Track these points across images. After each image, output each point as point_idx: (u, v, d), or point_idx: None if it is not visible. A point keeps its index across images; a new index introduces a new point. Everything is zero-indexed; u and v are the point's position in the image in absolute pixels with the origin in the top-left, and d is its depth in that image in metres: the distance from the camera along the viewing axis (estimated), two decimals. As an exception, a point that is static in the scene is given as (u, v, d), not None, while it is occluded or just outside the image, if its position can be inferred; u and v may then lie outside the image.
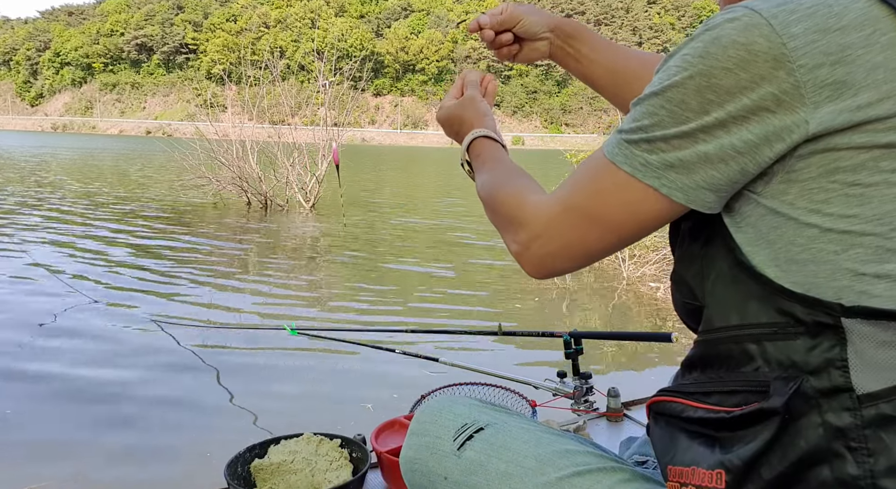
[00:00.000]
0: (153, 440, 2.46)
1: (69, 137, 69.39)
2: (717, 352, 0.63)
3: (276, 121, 11.82)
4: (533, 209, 0.71)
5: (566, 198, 0.68)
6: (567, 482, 0.69)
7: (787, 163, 0.57)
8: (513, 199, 0.75)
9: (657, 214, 0.64)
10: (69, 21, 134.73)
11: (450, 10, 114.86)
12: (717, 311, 0.63)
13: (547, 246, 0.69)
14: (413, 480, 0.81)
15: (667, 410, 0.67)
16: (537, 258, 0.70)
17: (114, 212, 9.50)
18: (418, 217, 10.53)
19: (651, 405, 0.70)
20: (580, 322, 4.38)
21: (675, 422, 0.66)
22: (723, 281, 0.62)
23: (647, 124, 0.61)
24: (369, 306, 4.62)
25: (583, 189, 0.67)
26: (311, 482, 1.32)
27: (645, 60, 0.98)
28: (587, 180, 0.67)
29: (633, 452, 1.10)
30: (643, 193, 0.63)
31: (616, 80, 0.99)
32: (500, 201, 0.78)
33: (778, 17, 0.56)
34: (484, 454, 0.75)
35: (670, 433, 0.66)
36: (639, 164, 0.62)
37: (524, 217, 0.72)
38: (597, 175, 0.66)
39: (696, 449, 0.62)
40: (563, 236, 0.68)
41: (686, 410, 0.64)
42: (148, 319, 3.97)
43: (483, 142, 0.92)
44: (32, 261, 5.58)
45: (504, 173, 0.83)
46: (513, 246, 0.73)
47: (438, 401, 0.85)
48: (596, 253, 0.69)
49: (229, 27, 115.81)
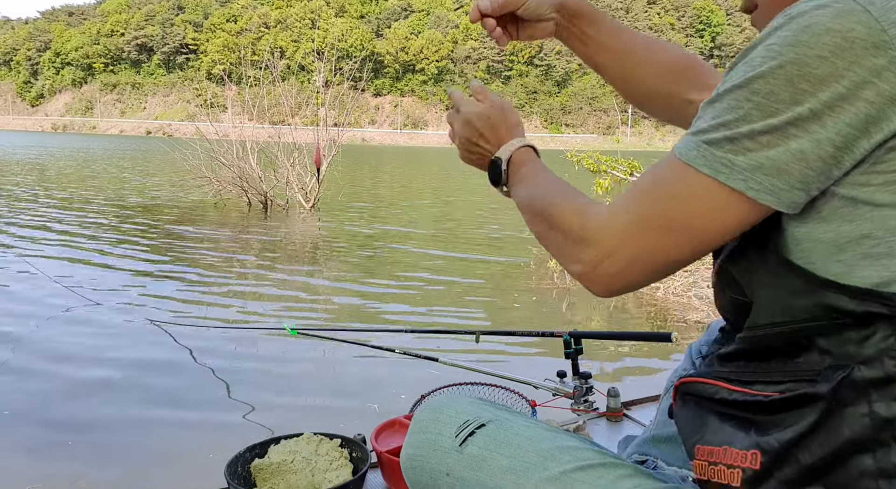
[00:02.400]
0: (153, 440, 2.46)
1: (69, 137, 69.38)
2: (765, 346, 0.62)
3: (276, 121, 11.81)
4: (598, 225, 0.66)
5: (635, 208, 0.64)
6: (569, 477, 0.69)
7: (876, 153, 0.55)
8: (573, 216, 0.70)
9: (742, 218, 0.59)
10: (69, 21, 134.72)
11: (450, 11, 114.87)
12: (767, 306, 0.61)
13: (619, 263, 0.64)
14: (414, 477, 0.80)
15: (698, 391, 0.67)
16: (608, 277, 0.66)
17: (113, 212, 9.50)
18: (418, 216, 10.53)
19: (680, 386, 0.70)
20: (580, 322, 4.38)
21: (705, 403, 0.66)
22: (772, 276, 0.60)
23: (731, 119, 0.57)
24: (369, 306, 4.62)
25: (655, 198, 0.63)
26: (311, 482, 1.32)
27: (651, 46, 0.95)
28: (658, 188, 0.63)
29: (633, 451, 1.10)
30: (727, 198, 0.59)
31: (622, 65, 0.95)
32: (557, 219, 0.72)
33: (875, 3, 0.54)
34: (486, 449, 0.75)
35: (699, 414, 0.66)
36: (722, 166, 0.58)
37: (590, 235, 0.66)
38: (670, 181, 0.62)
39: (729, 430, 0.62)
40: (636, 251, 0.63)
41: (720, 392, 0.64)
42: (147, 319, 3.97)
43: (528, 152, 0.86)
44: (31, 262, 5.58)
45: (556, 188, 0.77)
46: (575, 266, 0.68)
47: (439, 398, 0.85)
48: (673, 265, 0.65)
49: (229, 27, 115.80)
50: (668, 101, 0.94)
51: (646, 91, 0.96)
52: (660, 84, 0.94)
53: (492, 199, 14.11)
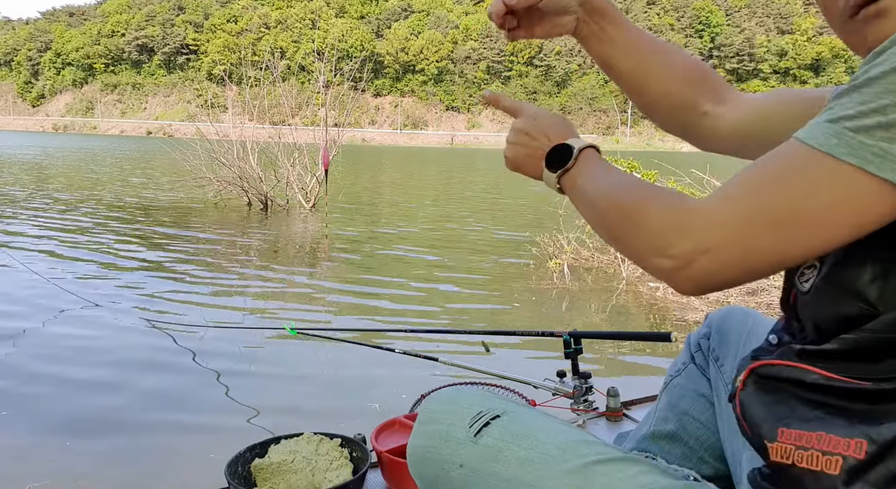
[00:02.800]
0: (153, 440, 2.46)
1: (70, 137, 69.39)
2: (881, 348, 0.58)
3: (276, 121, 11.83)
4: (699, 216, 0.60)
5: (750, 200, 0.58)
6: (590, 470, 0.68)
7: None
8: (663, 206, 0.63)
9: (886, 213, 0.54)
10: (70, 22, 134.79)
11: (450, 11, 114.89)
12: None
13: (720, 259, 0.58)
14: (423, 470, 0.79)
15: (780, 375, 0.65)
16: (704, 273, 0.59)
17: (113, 212, 9.50)
18: (418, 217, 10.53)
19: (758, 368, 0.67)
20: (580, 322, 4.38)
21: (790, 388, 0.64)
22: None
23: (887, 104, 0.52)
24: (369, 306, 4.62)
25: (778, 188, 0.57)
26: (312, 481, 1.32)
27: (670, 52, 0.92)
28: (782, 179, 0.57)
29: (632, 448, 1.10)
30: (876, 190, 0.53)
31: (639, 68, 0.91)
32: (641, 209, 0.65)
33: None
34: (502, 441, 0.73)
35: (782, 398, 0.65)
36: (872, 156, 0.53)
37: (687, 225, 0.60)
38: (801, 171, 0.56)
39: (825, 416, 0.60)
40: (744, 247, 0.58)
41: (809, 376, 0.62)
42: (147, 320, 3.98)
43: (595, 152, 0.81)
44: (29, 263, 5.58)
45: (635, 180, 0.71)
46: (664, 261, 0.61)
47: (449, 390, 0.84)
48: (778, 265, 0.59)
49: (230, 28, 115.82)
50: (681, 110, 0.92)
51: (659, 97, 0.93)
52: (674, 91, 0.91)
53: (492, 199, 14.10)
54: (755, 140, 0.87)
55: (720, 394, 0.99)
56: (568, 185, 0.79)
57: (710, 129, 0.90)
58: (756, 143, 0.87)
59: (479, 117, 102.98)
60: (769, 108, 0.86)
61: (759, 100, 0.88)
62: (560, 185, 0.81)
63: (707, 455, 1.03)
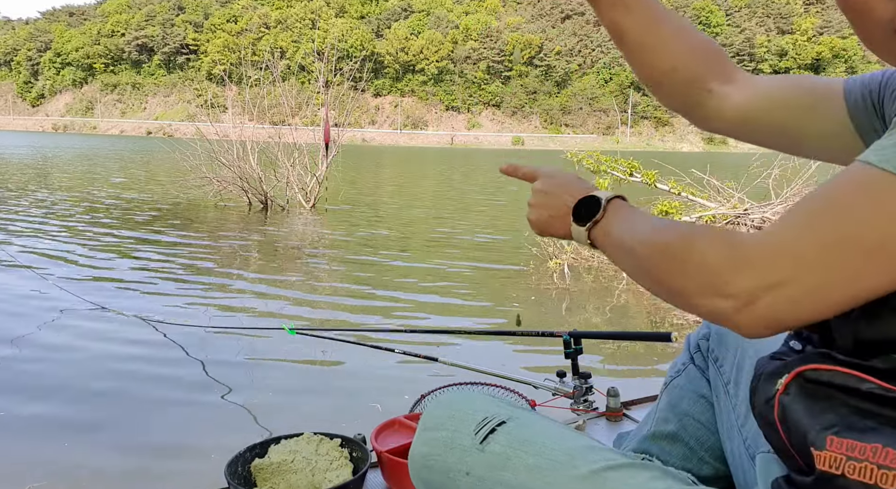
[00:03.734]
0: (153, 440, 2.46)
1: (70, 137, 69.39)
2: None
3: (276, 121, 11.83)
4: (762, 247, 0.56)
5: (820, 228, 0.54)
6: (600, 476, 0.67)
7: None
8: (713, 241, 0.58)
9: None
10: (70, 22, 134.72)
11: (450, 11, 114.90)
12: None
13: (792, 294, 0.54)
14: (427, 476, 0.77)
15: (833, 381, 0.61)
16: (772, 311, 0.55)
17: (113, 212, 9.50)
18: (418, 217, 10.53)
19: (805, 371, 0.63)
20: (580, 322, 4.38)
21: (838, 394, 0.60)
22: None
23: None
24: (369, 306, 4.62)
25: (851, 215, 0.53)
26: (312, 481, 1.32)
27: (682, 23, 0.89)
28: (854, 205, 0.53)
29: (631, 448, 1.10)
30: None
31: (650, 36, 0.87)
32: (687, 247, 0.60)
33: None
34: (510, 448, 0.72)
35: (831, 405, 0.61)
36: None
37: (748, 259, 0.56)
38: (878, 196, 0.52)
39: (878, 427, 0.57)
40: (819, 280, 0.54)
41: (864, 384, 0.58)
42: (147, 320, 3.97)
43: (623, 202, 0.78)
44: (29, 263, 5.59)
45: (677, 222, 0.66)
46: (721, 303, 0.57)
47: (452, 395, 0.83)
48: (863, 297, 0.55)
49: (230, 28, 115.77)
50: (687, 85, 0.88)
51: (667, 70, 0.88)
52: (682, 65, 0.87)
53: (492, 199, 14.10)
54: (757, 125, 0.86)
55: (720, 395, 0.99)
56: (600, 238, 0.76)
57: (714, 109, 0.88)
58: (757, 128, 0.86)
59: (479, 117, 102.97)
60: (775, 95, 0.85)
61: (767, 85, 0.86)
62: (591, 239, 0.77)
63: (707, 455, 1.03)
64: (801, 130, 0.83)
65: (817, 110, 0.81)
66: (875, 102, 0.76)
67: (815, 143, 0.83)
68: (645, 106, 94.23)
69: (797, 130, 0.83)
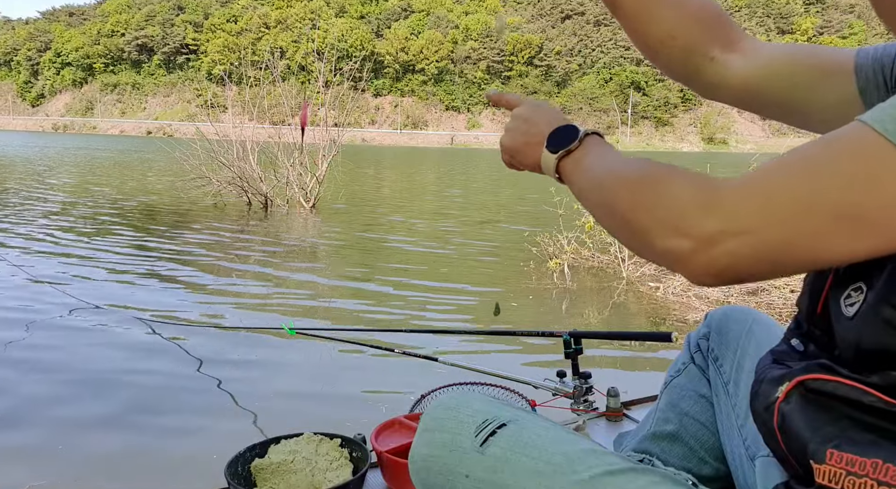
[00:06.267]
0: (153, 440, 2.46)
1: (70, 137, 69.39)
2: None
3: (276, 121, 11.84)
4: (735, 193, 0.53)
5: (798, 186, 0.51)
6: (600, 481, 0.67)
7: None
8: (685, 181, 0.57)
9: None
10: (70, 22, 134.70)
11: (450, 11, 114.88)
12: None
13: (752, 245, 0.52)
14: (427, 479, 0.77)
15: (836, 392, 0.59)
16: (729, 258, 0.53)
17: (112, 212, 9.50)
18: (418, 216, 10.53)
19: (806, 381, 0.62)
20: (580, 322, 4.38)
21: (840, 406, 0.59)
22: None
23: None
24: (368, 306, 4.62)
25: (831, 176, 0.50)
26: (312, 481, 1.32)
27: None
28: (837, 165, 0.51)
29: (631, 448, 1.10)
30: None
31: (645, 6, 0.83)
32: (657, 185, 0.58)
33: None
34: (510, 450, 0.72)
35: (832, 418, 0.60)
36: None
37: (718, 202, 0.53)
38: (867, 160, 0.49)
39: (878, 441, 0.56)
40: (784, 237, 0.51)
41: (866, 397, 0.57)
42: (146, 320, 3.97)
43: (600, 138, 0.76)
44: (26, 263, 5.58)
45: (654, 161, 0.64)
46: (683, 241, 0.54)
47: (452, 396, 0.82)
48: (823, 261, 0.52)
49: (230, 28, 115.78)
50: (688, 53, 0.84)
51: (664, 37, 0.84)
52: (683, 31, 0.83)
53: (492, 199, 14.10)
54: (761, 95, 0.83)
55: (720, 395, 0.99)
56: (569, 168, 0.74)
57: (718, 76, 0.84)
58: (760, 99, 0.83)
59: (479, 117, 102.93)
60: (780, 67, 0.81)
61: (772, 54, 0.82)
62: (560, 170, 0.76)
63: (707, 455, 1.03)
64: (808, 104, 0.80)
65: (825, 84, 0.78)
66: (887, 77, 0.74)
67: (821, 115, 0.80)
68: (645, 106, 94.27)
69: (803, 103, 0.80)
